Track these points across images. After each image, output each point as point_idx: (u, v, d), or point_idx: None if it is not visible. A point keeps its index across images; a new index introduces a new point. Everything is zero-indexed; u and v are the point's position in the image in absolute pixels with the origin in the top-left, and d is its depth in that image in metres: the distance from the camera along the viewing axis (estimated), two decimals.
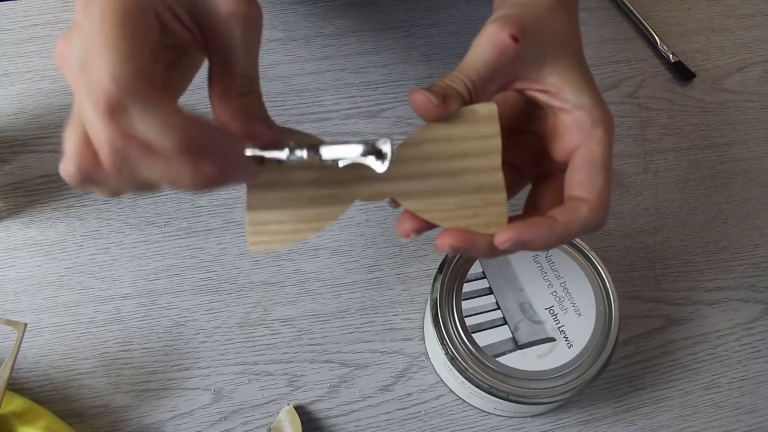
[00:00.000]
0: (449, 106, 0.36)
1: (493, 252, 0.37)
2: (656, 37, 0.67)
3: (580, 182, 0.37)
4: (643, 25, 0.68)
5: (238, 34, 0.33)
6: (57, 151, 0.58)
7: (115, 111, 0.28)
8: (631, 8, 0.68)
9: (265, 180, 0.35)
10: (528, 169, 0.41)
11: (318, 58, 0.64)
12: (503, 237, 0.36)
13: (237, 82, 0.33)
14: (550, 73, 0.38)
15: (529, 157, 0.41)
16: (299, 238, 0.36)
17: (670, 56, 0.66)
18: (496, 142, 0.36)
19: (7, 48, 0.62)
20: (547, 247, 0.36)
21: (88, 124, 0.29)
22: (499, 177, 0.36)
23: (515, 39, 0.37)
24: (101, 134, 0.29)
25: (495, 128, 0.36)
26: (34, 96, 0.60)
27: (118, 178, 0.31)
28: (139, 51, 0.29)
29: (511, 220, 0.37)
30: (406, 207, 0.36)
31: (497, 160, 0.36)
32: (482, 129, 0.36)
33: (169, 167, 0.30)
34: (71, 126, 0.30)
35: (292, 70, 0.63)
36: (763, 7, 0.70)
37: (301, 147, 0.33)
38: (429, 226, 0.37)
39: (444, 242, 0.36)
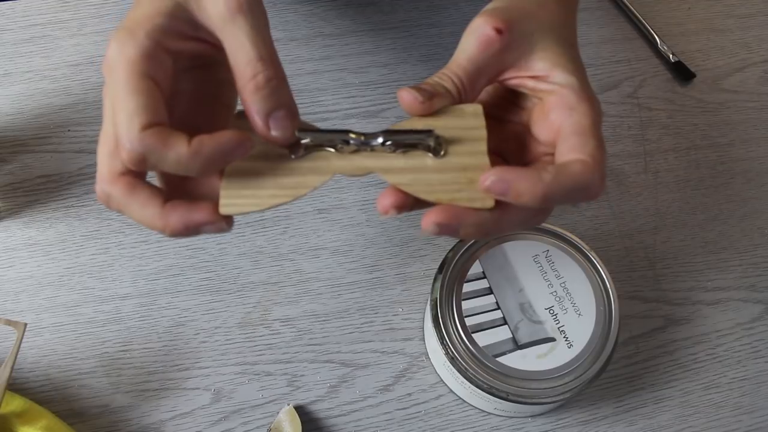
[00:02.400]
0: (434, 103, 0.36)
1: (482, 229, 0.35)
2: (656, 37, 0.67)
3: (571, 147, 0.36)
4: (643, 25, 0.68)
5: (239, 24, 0.33)
6: (57, 151, 0.58)
7: (136, 161, 0.33)
8: (631, 8, 0.68)
9: None
10: (515, 158, 0.40)
11: (318, 58, 0.64)
12: (486, 177, 0.34)
13: (241, 71, 0.33)
14: (539, 59, 0.38)
15: (515, 146, 0.40)
16: (274, 203, 0.35)
17: (670, 56, 0.66)
18: (482, 133, 0.36)
19: (7, 48, 0.62)
20: (533, 197, 0.34)
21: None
22: (485, 159, 0.36)
23: (499, 31, 0.37)
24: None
25: (481, 122, 0.37)
26: (34, 96, 0.60)
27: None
28: (153, 104, 0.33)
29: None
30: (389, 181, 0.36)
31: (483, 146, 0.36)
32: (468, 122, 0.37)
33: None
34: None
35: (291, 71, 0.62)
36: (763, 7, 0.70)
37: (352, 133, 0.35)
38: (410, 202, 0.36)
39: (429, 220, 0.34)
